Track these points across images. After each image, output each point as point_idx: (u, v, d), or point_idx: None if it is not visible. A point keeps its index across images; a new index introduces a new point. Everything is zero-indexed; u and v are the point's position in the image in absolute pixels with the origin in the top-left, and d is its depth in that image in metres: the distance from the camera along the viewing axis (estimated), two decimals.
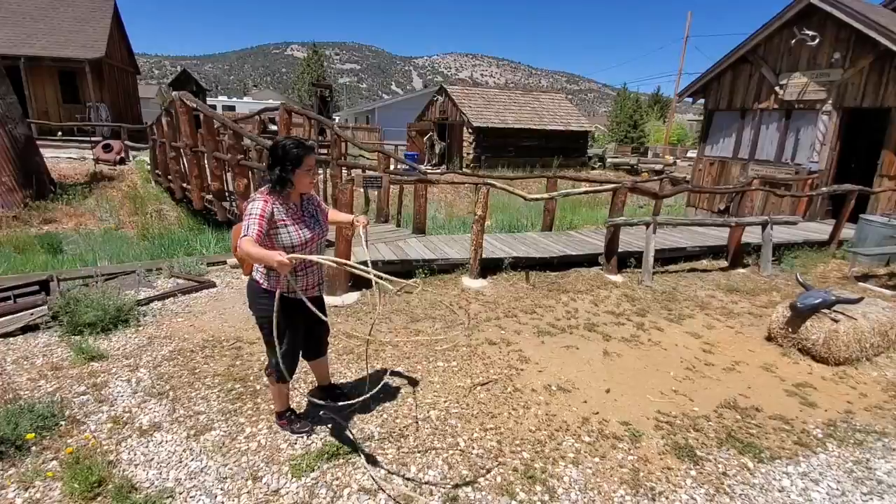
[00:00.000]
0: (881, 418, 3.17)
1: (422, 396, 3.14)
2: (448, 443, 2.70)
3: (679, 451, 2.72)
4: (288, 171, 2.27)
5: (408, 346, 3.85)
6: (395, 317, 4.42)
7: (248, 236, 2.17)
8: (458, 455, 2.61)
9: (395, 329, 4.16)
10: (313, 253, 2.45)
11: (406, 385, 3.27)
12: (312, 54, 56.39)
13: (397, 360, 3.61)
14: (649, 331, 4.37)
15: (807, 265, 6.51)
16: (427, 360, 3.64)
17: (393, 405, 3.03)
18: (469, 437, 2.77)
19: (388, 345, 3.85)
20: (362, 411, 2.94)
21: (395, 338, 3.98)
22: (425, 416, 2.94)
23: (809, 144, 8.94)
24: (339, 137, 8.76)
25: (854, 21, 7.98)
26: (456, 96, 21.51)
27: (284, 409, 2.74)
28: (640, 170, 20.84)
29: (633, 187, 6.14)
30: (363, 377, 3.28)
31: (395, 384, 3.25)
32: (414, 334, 4.08)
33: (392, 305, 4.67)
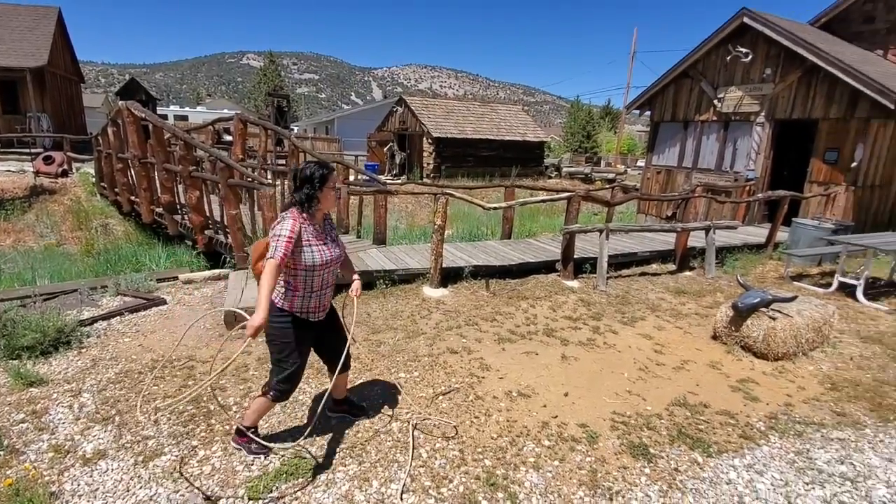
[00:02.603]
0: (819, 410, 3.39)
1: (383, 408, 3.12)
2: (412, 454, 2.69)
3: (634, 450, 2.82)
4: (316, 188, 2.39)
5: (369, 357, 3.82)
6: (356, 329, 4.36)
7: (274, 259, 2.26)
8: (421, 467, 2.60)
9: (357, 341, 4.10)
10: (334, 273, 2.57)
11: (367, 399, 3.23)
12: (269, 63, 55.29)
13: (359, 373, 3.57)
14: (604, 334, 4.52)
15: (747, 267, 6.93)
16: (389, 371, 3.62)
17: (352, 419, 2.99)
18: (431, 447, 2.76)
19: None
20: (322, 427, 2.88)
21: (358, 350, 3.92)
22: (387, 428, 2.92)
23: (746, 153, 9.57)
24: (296, 148, 8.62)
25: (783, 39, 8.64)
26: (415, 107, 21.64)
27: (253, 426, 2.66)
28: (593, 178, 21.58)
29: (586, 196, 6.37)
30: (324, 391, 3.22)
31: (356, 398, 3.21)
32: (375, 346, 4.04)
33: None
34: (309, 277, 2.43)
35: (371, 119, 30.31)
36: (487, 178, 19.00)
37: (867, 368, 4.02)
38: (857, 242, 5.79)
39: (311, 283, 2.45)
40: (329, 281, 2.56)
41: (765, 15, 9.06)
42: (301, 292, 2.44)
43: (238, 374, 3.53)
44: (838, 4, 9.62)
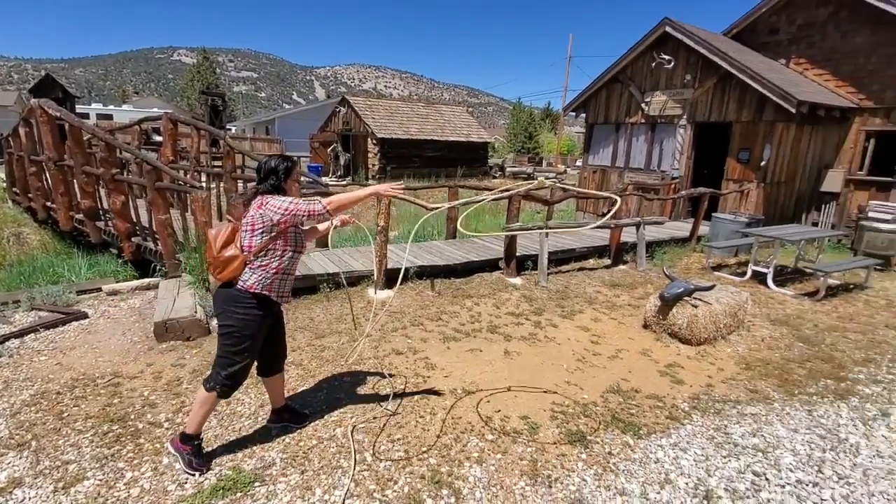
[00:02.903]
0: (735, 388, 3.71)
1: (327, 414, 3.08)
2: (355, 459, 2.68)
3: (571, 438, 2.96)
4: (281, 179, 2.45)
5: (313, 363, 3.75)
6: (299, 334, 4.27)
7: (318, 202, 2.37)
8: (366, 470, 2.59)
9: (300, 347, 4.02)
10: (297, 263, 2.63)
11: (310, 406, 3.18)
12: (203, 60, 52.40)
13: (302, 379, 3.50)
14: (545, 328, 4.69)
15: (674, 259, 7.44)
16: (333, 375, 3.57)
17: (295, 427, 2.93)
18: (377, 450, 2.76)
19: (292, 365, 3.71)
20: (262, 438, 2.80)
21: (300, 355, 3.84)
22: (331, 434, 2.88)
23: (671, 154, 10.26)
24: (232, 149, 8.26)
25: (700, 48, 9.33)
26: (359, 107, 21.36)
27: (197, 434, 2.54)
28: (535, 178, 22.27)
29: (525, 195, 6.58)
30: (261, 404, 3.13)
31: (298, 405, 3.14)
32: (319, 350, 3.97)
33: (295, 322, 4.51)
34: (294, 259, 2.52)
35: (314, 119, 29.59)
36: (433, 179, 19.10)
37: (776, 348, 4.44)
38: (766, 234, 6.37)
39: (292, 265, 2.54)
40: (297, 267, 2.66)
41: (684, 25, 9.75)
42: (283, 274, 2.49)
43: (170, 387, 3.35)
44: (747, 17, 10.52)
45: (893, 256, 7.64)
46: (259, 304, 2.43)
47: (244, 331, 2.41)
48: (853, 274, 6.82)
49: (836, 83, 9.24)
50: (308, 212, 2.35)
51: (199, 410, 2.49)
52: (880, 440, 3.08)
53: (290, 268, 2.54)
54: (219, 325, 2.46)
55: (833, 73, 9.30)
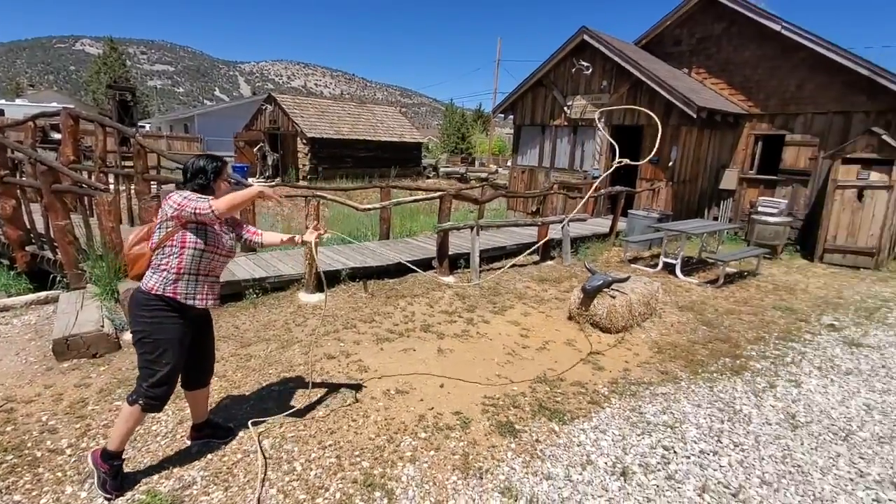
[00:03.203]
0: (648, 371, 4.02)
1: (254, 426, 2.96)
2: (284, 469, 2.60)
3: (502, 429, 3.07)
4: (210, 179, 2.35)
5: (238, 374, 3.58)
6: (223, 344, 4.06)
7: (214, 202, 2.19)
8: (295, 480, 2.53)
9: (223, 357, 3.82)
10: (223, 265, 2.48)
11: (234, 419, 3.04)
12: (110, 51, 47.77)
13: (226, 392, 3.33)
14: (477, 324, 4.82)
15: (596, 254, 7.92)
16: (260, 385, 3.44)
17: (219, 442, 2.79)
18: (307, 458, 2.70)
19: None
20: (181, 456, 2.64)
21: (224, 366, 3.65)
22: (258, 447, 2.78)
23: (592, 154, 10.91)
24: (143, 148, 7.65)
25: (615, 56, 9.99)
26: (287, 105, 20.58)
27: (118, 452, 2.35)
28: (468, 178, 22.69)
29: (457, 194, 6.70)
30: (180, 420, 2.95)
31: (222, 418, 3.00)
32: (245, 360, 3.80)
33: (218, 332, 4.28)
34: (198, 258, 2.32)
35: (238, 117, 28.08)
36: (367, 180, 18.85)
37: (683, 332, 4.87)
38: (674, 228, 6.97)
39: (199, 264, 2.33)
40: (218, 271, 2.47)
41: (600, 34, 10.39)
42: (188, 274, 2.30)
43: (73, 410, 3.06)
44: (655, 29, 11.42)
45: (779, 246, 8.65)
46: (168, 307, 2.28)
47: (155, 335, 2.26)
48: (747, 262, 7.64)
49: (730, 91, 10.29)
50: (195, 209, 2.18)
51: (121, 426, 2.33)
52: (769, 409, 3.49)
53: (200, 268, 2.34)
54: (131, 332, 2.32)
55: (727, 82, 10.34)
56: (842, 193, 8.19)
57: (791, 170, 9.55)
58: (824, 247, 8.36)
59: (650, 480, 2.66)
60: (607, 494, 2.53)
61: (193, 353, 2.50)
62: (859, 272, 7.84)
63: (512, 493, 2.50)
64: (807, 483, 2.70)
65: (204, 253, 2.33)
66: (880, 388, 3.89)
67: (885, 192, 7.82)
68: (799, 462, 2.88)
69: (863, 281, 7.33)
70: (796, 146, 9.49)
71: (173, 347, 2.31)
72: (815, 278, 7.35)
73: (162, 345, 2.27)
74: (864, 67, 8.34)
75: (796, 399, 3.63)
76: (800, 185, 9.48)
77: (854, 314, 5.69)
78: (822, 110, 9.11)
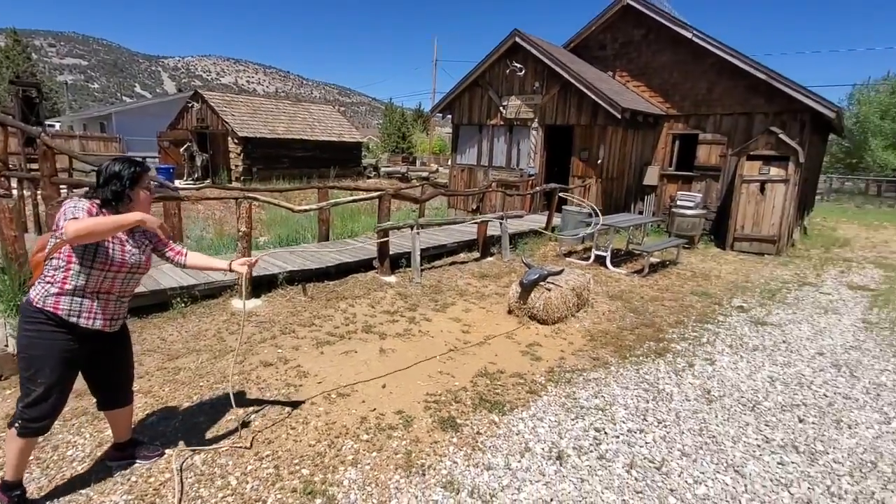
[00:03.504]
0: (582, 358, 4.23)
1: (184, 443, 2.80)
2: (217, 486, 2.49)
3: (444, 424, 3.11)
4: (125, 186, 2.15)
5: (165, 389, 3.37)
6: (147, 358, 3.80)
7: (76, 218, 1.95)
8: (230, 496, 2.43)
9: (148, 372, 3.58)
10: (128, 282, 2.25)
11: (162, 436, 2.86)
12: (13, 43, 42.90)
13: (152, 408, 3.13)
14: (420, 323, 4.84)
15: (534, 249, 8.20)
16: (191, 399, 3.26)
17: (145, 463, 2.62)
18: (242, 471, 2.60)
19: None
20: (102, 481, 2.46)
21: (149, 382, 3.42)
22: (188, 464, 2.64)
23: (527, 153, 11.29)
24: (50, 149, 6.97)
25: (545, 59, 10.38)
26: (216, 103, 19.53)
27: (17, 481, 2.14)
28: (410, 177, 22.68)
29: (396, 194, 6.68)
30: (100, 443, 2.74)
31: (149, 437, 2.81)
32: (173, 373, 3.59)
33: (142, 345, 4.01)
34: (85, 275, 2.08)
35: (162, 115, 26.28)
36: (305, 180, 18.32)
37: (613, 320, 5.17)
38: (603, 223, 7.37)
39: (87, 281, 2.09)
40: (122, 289, 2.23)
41: (531, 37, 10.75)
42: (73, 291, 2.08)
43: None
44: (581, 33, 11.99)
45: (696, 236, 9.40)
46: (51, 322, 2.06)
47: (30, 351, 2.06)
48: (668, 252, 8.23)
49: (650, 94, 11.01)
50: (58, 226, 1.96)
51: (10, 453, 2.13)
52: (688, 386, 3.79)
53: (88, 286, 2.10)
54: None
55: (647, 84, 11.06)
56: (747, 187, 9.02)
57: (705, 166, 10.40)
58: (734, 236, 9.18)
59: (583, 462, 2.81)
60: (544, 479, 2.65)
61: (98, 373, 2.34)
62: (763, 258, 8.69)
63: (454, 486, 2.55)
64: (720, 452, 2.96)
65: (92, 270, 2.09)
66: (782, 361, 4.34)
67: (783, 185, 8.71)
68: (714, 433, 3.16)
69: (766, 266, 8.13)
70: (708, 144, 10.34)
71: (49, 366, 2.07)
72: (726, 265, 8.06)
73: (36, 363, 2.06)
74: (762, 73, 9.23)
75: (711, 376, 3.98)
76: (712, 180, 10.33)
77: (759, 296, 6.31)
78: (729, 111, 9.99)
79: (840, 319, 5.54)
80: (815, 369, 4.20)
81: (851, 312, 5.83)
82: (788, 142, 8.53)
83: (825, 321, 5.45)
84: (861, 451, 3.04)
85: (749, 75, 9.43)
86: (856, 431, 3.25)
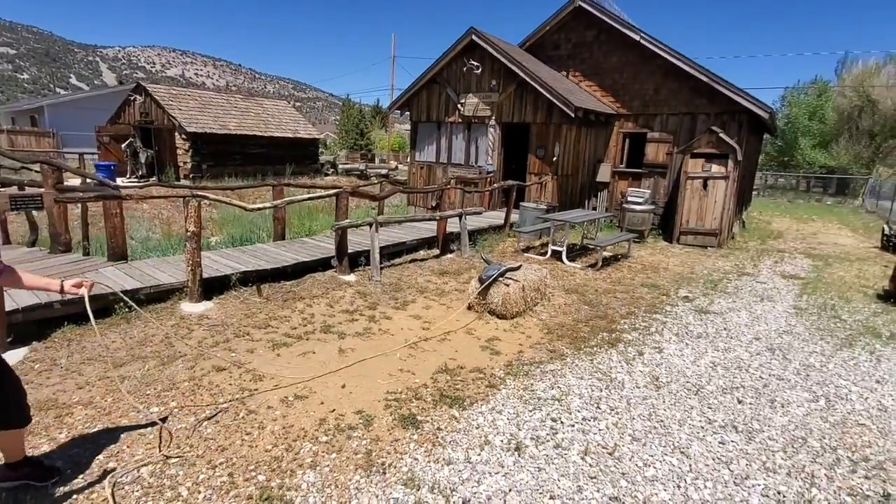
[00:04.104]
0: (539, 351, 4.34)
1: (129, 455, 2.67)
2: (167, 497, 2.38)
3: (404, 422, 3.11)
4: None
5: (106, 400, 3.19)
6: (88, 367, 3.58)
7: None
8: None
9: (89, 383, 3.38)
10: None
11: (105, 449, 2.71)
12: None
13: (92, 421, 2.95)
14: (380, 321, 4.81)
15: (492, 245, 8.32)
16: (136, 409, 3.09)
17: (85, 478, 2.47)
18: (194, 481, 2.50)
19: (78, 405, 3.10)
20: (38, 499, 2.30)
21: (90, 392, 3.22)
22: (134, 477, 2.51)
23: (485, 150, 11.41)
24: None
25: (502, 57, 10.51)
26: (160, 97, 18.51)
27: None
28: (369, 175, 22.42)
29: (353, 191, 6.59)
30: (51, 450, 2.56)
31: (87, 455, 2.66)
32: (119, 381, 3.39)
33: (82, 354, 3.77)
34: None
35: (101, 108, 24.69)
36: (260, 178, 17.73)
37: (569, 313, 5.33)
38: (559, 218, 7.58)
39: None
40: None
41: (488, 35, 10.85)
42: None
43: None
44: (536, 33, 12.22)
45: (646, 231, 9.82)
46: None
47: None
48: (620, 246, 8.56)
49: (601, 93, 11.38)
50: None
51: None
52: (638, 374, 3.97)
53: None
54: None
55: (599, 84, 11.43)
56: (691, 183, 9.51)
57: (653, 163, 10.86)
58: (680, 230, 9.66)
59: (541, 451, 2.89)
60: (503, 470, 2.70)
61: None
62: (706, 250, 9.20)
63: (414, 482, 2.56)
64: (668, 435, 3.12)
65: None
66: (723, 347, 4.62)
67: (724, 182, 9.24)
68: (662, 417, 3.32)
69: (709, 258, 8.61)
70: (656, 143, 10.80)
71: None
72: (673, 257, 8.47)
73: None
74: (704, 75, 9.74)
75: (659, 363, 4.18)
76: (660, 176, 10.82)
77: (703, 286, 6.67)
78: (675, 111, 10.48)
79: (774, 306, 5.95)
80: (753, 353, 4.49)
81: (784, 300, 6.27)
82: (728, 140, 9.05)
83: (761, 308, 5.84)
84: (793, 428, 3.28)
85: (693, 77, 9.92)
86: (788, 410, 3.51)
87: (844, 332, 5.13)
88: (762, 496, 2.60)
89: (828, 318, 5.57)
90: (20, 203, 5.00)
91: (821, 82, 28.46)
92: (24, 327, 3.95)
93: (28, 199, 5.02)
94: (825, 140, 26.84)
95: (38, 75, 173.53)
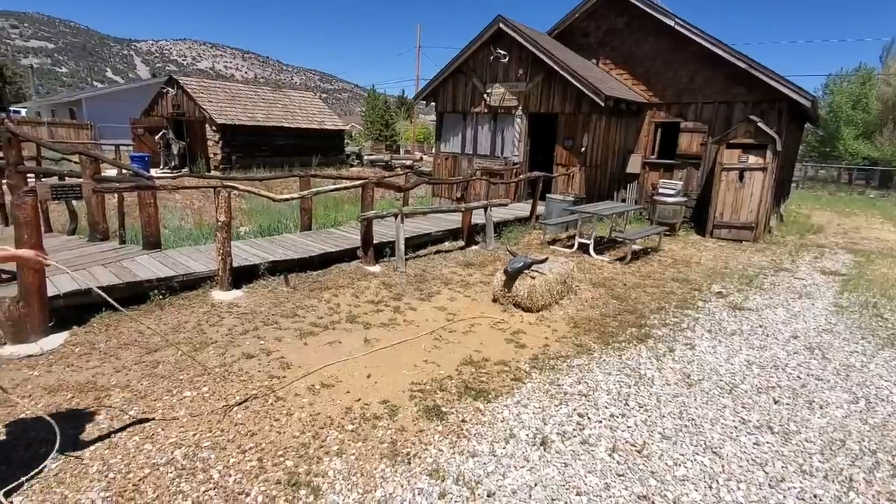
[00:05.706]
0: (566, 345, 4.27)
1: (163, 437, 2.75)
2: (199, 479, 2.45)
3: (429, 413, 3.12)
4: None
5: (143, 383, 3.30)
6: (124, 352, 3.71)
7: None
8: (212, 489, 2.39)
9: (125, 367, 3.50)
10: None
11: (141, 430, 2.81)
12: None
13: (129, 403, 3.06)
14: (404, 312, 4.83)
15: (518, 237, 8.23)
16: (170, 393, 3.19)
17: (123, 459, 2.56)
18: (225, 464, 2.57)
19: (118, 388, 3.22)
20: (80, 475, 2.40)
21: (126, 376, 3.34)
22: (168, 458, 2.59)
23: (511, 141, 11.26)
24: (15, 136, 6.70)
25: (530, 45, 10.31)
26: (192, 89, 18.94)
27: None
28: (393, 165, 22.48)
29: (379, 182, 6.61)
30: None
31: (123, 435, 2.75)
32: (152, 367, 3.51)
33: (118, 339, 3.91)
34: None
35: (136, 101, 25.44)
36: (287, 168, 17.99)
37: (596, 307, 5.23)
38: (587, 211, 7.43)
39: None
40: None
41: (515, 23, 10.65)
42: None
43: None
44: (565, 20, 11.94)
45: (677, 224, 9.54)
46: None
47: None
48: (650, 240, 8.34)
49: (632, 82, 11.05)
50: None
51: None
52: (668, 371, 3.86)
53: None
54: None
55: (630, 73, 11.09)
56: (726, 175, 9.17)
57: (686, 154, 10.51)
58: (713, 223, 9.34)
59: (567, 447, 2.84)
60: (528, 464, 2.68)
61: None
62: (741, 245, 8.88)
63: (440, 473, 2.56)
64: (699, 434, 3.03)
65: None
66: (758, 345, 4.45)
67: (761, 174, 8.87)
68: (693, 416, 3.23)
69: (744, 252, 8.31)
70: (689, 133, 10.44)
71: None
72: (706, 252, 8.21)
73: None
74: (742, 61, 9.33)
75: (691, 360, 4.06)
76: (693, 168, 10.47)
77: (737, 282, 6.45)
78: (710, 100, 10.09)
79: (813, 304, 5.70)
80: (790, 352, 4.32)
81: (824, 297, 6.00)
82: (767, 130, 8.67)
83: (799, 305, 5.61)
84: (831, 430, 3.14)
85: (730, 64, 9.52)
86: (826, 411, 3.37)
87: (887, 332, 4.88)
88: (798, 499, 2.51)
89: (869, 317, 5.30)
90: (61, 192, 5.19)
91: (864, 70, 26.99)
92: (64, 311, 4.12)
93: (68, 188, 5.22)
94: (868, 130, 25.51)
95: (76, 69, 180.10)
